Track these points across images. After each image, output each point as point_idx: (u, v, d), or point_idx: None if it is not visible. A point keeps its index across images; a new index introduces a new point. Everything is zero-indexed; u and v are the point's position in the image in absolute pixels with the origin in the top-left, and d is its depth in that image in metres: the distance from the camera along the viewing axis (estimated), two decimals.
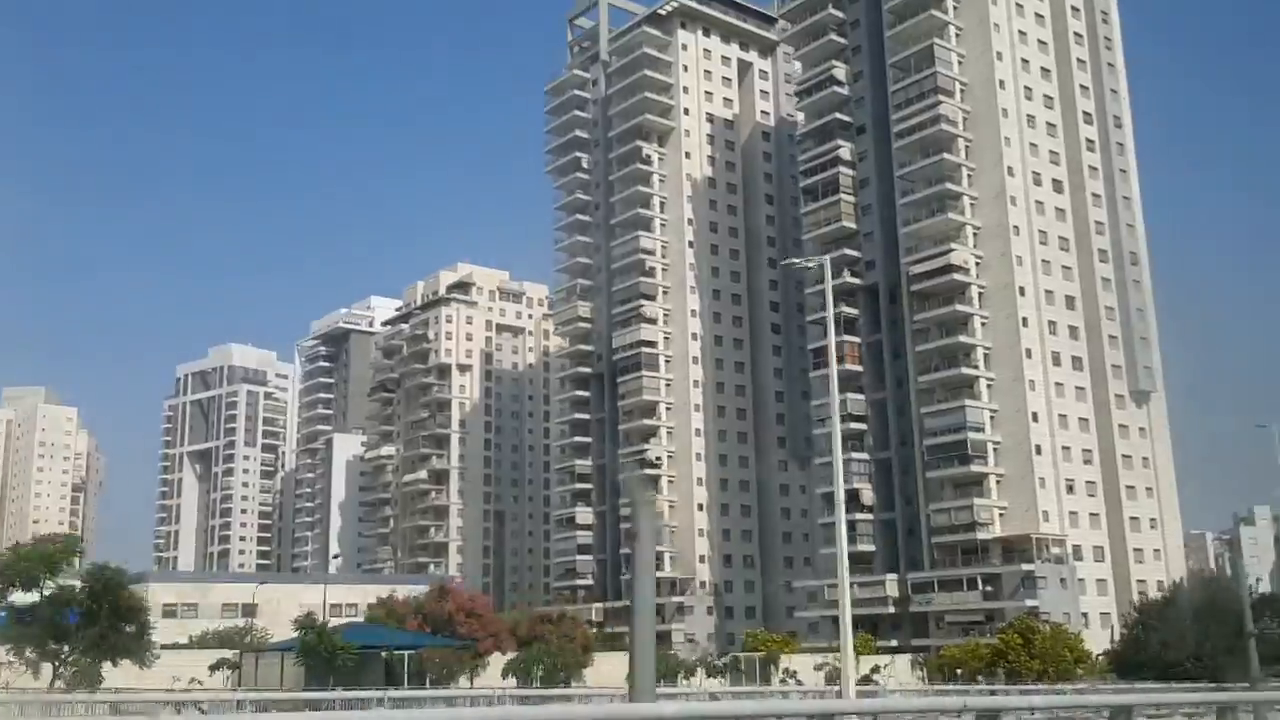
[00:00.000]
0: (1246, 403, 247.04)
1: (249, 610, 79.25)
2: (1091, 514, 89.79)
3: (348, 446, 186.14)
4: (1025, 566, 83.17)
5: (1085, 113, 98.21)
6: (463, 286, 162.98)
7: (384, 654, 43.89)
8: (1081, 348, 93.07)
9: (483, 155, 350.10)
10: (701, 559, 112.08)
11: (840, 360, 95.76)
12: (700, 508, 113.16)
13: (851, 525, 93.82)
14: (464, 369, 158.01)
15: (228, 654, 50.31)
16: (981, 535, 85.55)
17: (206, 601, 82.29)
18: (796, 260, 68.21)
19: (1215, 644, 54.50)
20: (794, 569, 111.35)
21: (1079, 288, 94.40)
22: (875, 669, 71.74)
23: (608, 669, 54.47)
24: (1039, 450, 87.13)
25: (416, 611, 50.99)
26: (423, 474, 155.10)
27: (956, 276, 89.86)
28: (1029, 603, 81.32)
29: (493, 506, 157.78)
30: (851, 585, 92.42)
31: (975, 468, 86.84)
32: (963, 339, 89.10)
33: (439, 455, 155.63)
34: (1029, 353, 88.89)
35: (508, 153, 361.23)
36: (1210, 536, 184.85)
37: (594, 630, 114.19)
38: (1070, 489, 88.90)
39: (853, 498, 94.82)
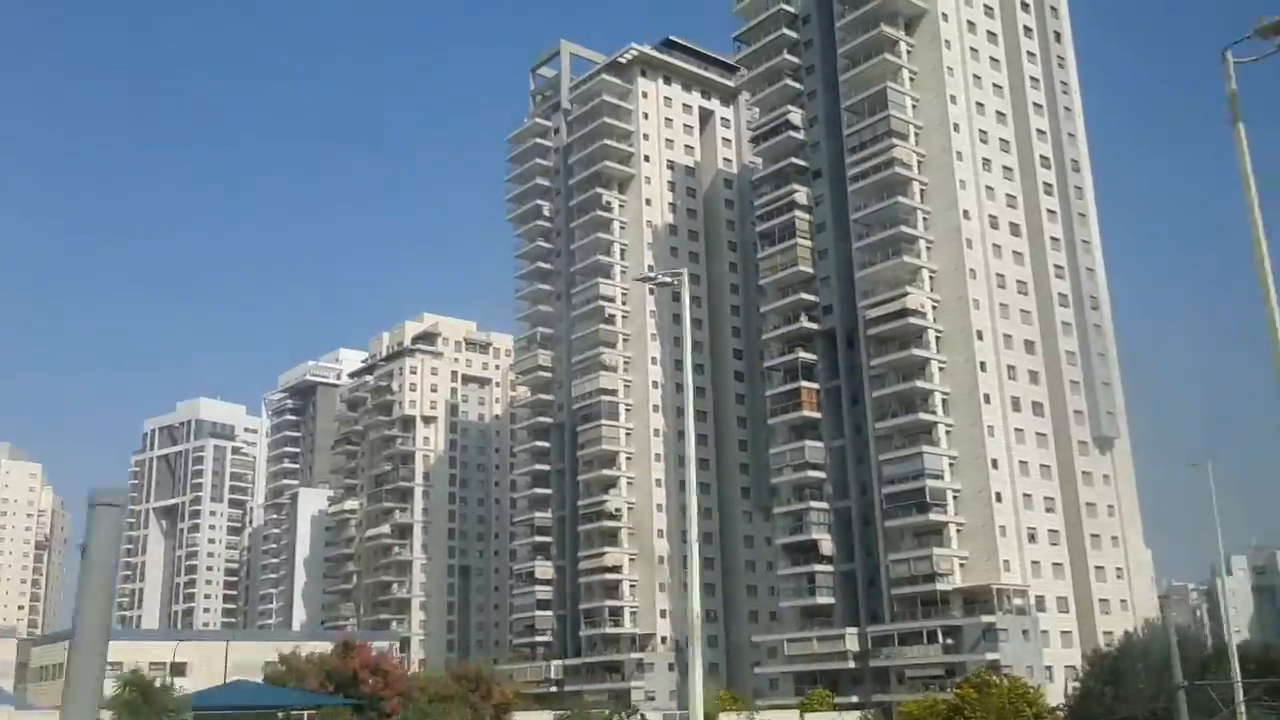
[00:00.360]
0: (1214, 447, 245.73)
1: (178, 669, 75.79)
2: (1054, 563, 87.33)
3: (313, 501, 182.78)
4: (986, 618, 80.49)
5: (1043, 156, 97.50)
6: (428, 337, 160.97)
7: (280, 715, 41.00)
8: (1042, 393, 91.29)
9: (459, 206, 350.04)
10: (663, 614, 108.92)
11: (798, 407, 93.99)
12: (661, 561, 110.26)
13: (810, 577, 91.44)
14: (428, 420, 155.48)
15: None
16: (941, 586, 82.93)
17: (131, 660, 78.60)
18: (652, 277, 66.40)
19: (1170, 696, 52.07)
20: (759, 623, 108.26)
21: (1038, 332, 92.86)
22: None
23: None
24: (999, 498, 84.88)
25: (321, 669, 48.07)
26: (385, 528, 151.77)
27: (912, 320, 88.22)
28: (990, 656, 78.59)
29: (458, 561, 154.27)
30: (811, 639, 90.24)
31: (934, 516, 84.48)
32: (920, 384, 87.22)
33: (402, 509, 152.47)
34: (987, 398, 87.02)
35: (481, 204, 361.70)
36: (1190, 588, 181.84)
37: (553, 688, 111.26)
38: (1032, 538, 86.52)
39: (811, 548, 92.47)
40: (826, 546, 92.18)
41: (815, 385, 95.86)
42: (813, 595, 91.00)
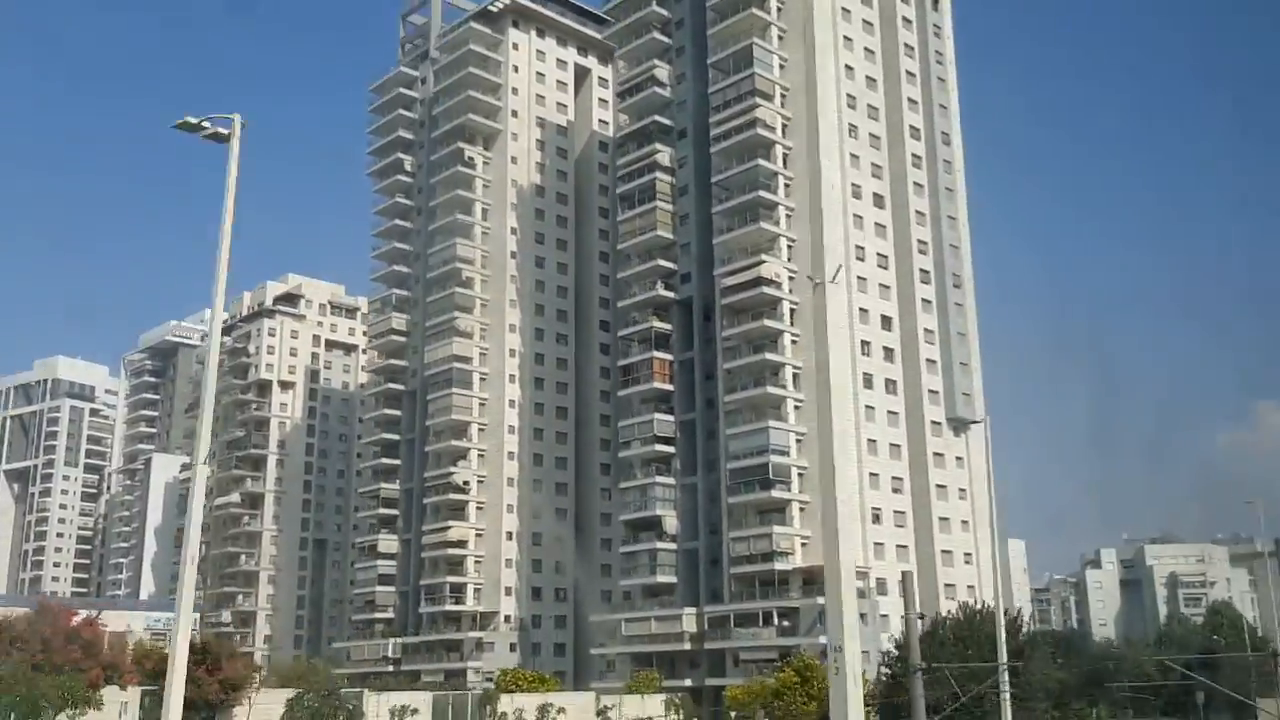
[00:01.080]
0: (1082, 436, 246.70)
1: None
2: (899, 545, 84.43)
3: (167, 468, 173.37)
4: (822, 600, 76.80)
5: (913, 127, 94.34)
6: (290, 299, 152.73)
7: None
8: (896, 370, 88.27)
9: (336, 160, 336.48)
10: (508, 591, 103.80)
11: (650, 378, 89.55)
12: (510, 536, 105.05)
13: (653, 554, 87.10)
14: (286, 386, 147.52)
15: None
16: (780, 566, 79.30)
17: None
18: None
19: (979, 683, 48.81)
20: (612, 603, 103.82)
21: (896, 308, 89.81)
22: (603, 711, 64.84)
23: (266, 707, 46.22)
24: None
25: (6, 635, 41.94)
26: (235, 497, 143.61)
27: (766, 290, 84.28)
28: (824, 639, 74.99)
29: (313, 534, 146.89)
30: (649, 619, 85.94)
31: (777, 493, 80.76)
32: (770, 357, 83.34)
33: (254, 478, 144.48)
34: None
35: (359, 160, 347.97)
36: (1055, 579, 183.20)
37: (390, 666, 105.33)
38: (877, 518, 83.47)
39: (655, 525, 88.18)
40: (671, 523, 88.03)
41: (669, 356, 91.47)
42: (653, 573, 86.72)
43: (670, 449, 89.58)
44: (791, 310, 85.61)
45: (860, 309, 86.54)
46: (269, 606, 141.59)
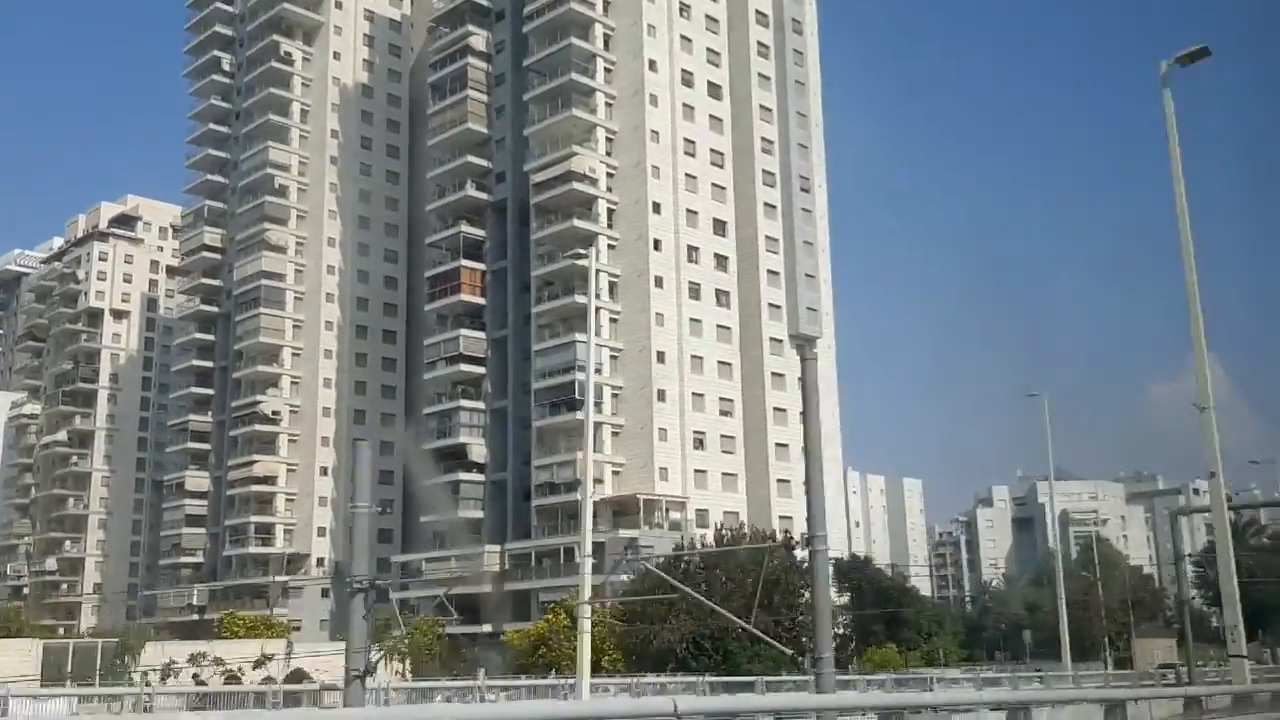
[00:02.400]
0: (949, 363, 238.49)
1: None
2: (726, 474, 75.76)
3: (3, 405, 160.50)
4: (628, 533, 68.29)
5: (759, 11, 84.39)
6: (127, 221, 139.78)
7: None
8: (730, 281, 79.15)
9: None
10: (321, 532, 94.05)
11: (456, 290, 79.53)
12: (324, 472, 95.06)
13: (456, 487, 77.59)
14: (120, 315, 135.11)
15: None
16: (578, 497, 70.10)
17: None
18: None
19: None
20: (445, 544, 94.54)
21: (733, 212, 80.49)
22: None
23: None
24: (662, 396, 72.54)
25: None
26: (62, 435, 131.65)
27: (578, 186, 74.46)
28: (628, 578, 66.40)
29: (149, 475, 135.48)
30: (449, 559, 76.76)
31: (581, 415, 71.36)
32: (583, 263, 73.52)
33: (84, 414, 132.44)
34: (659, 281, 74.24)
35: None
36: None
37: (195, 615, 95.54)
38: (700, 444, 74.66)
39: (460, 454, 78.67)
40: (478, 452, 78.61)
41: (482, 266, 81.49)
42: (457, 508, 77.38)
43: (480, 370, 79.94)
44: (610, 210, 75.98)
45: (689, 210, 77.09)
46: (99, 553, 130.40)
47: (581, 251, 72.32)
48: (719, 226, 79.08)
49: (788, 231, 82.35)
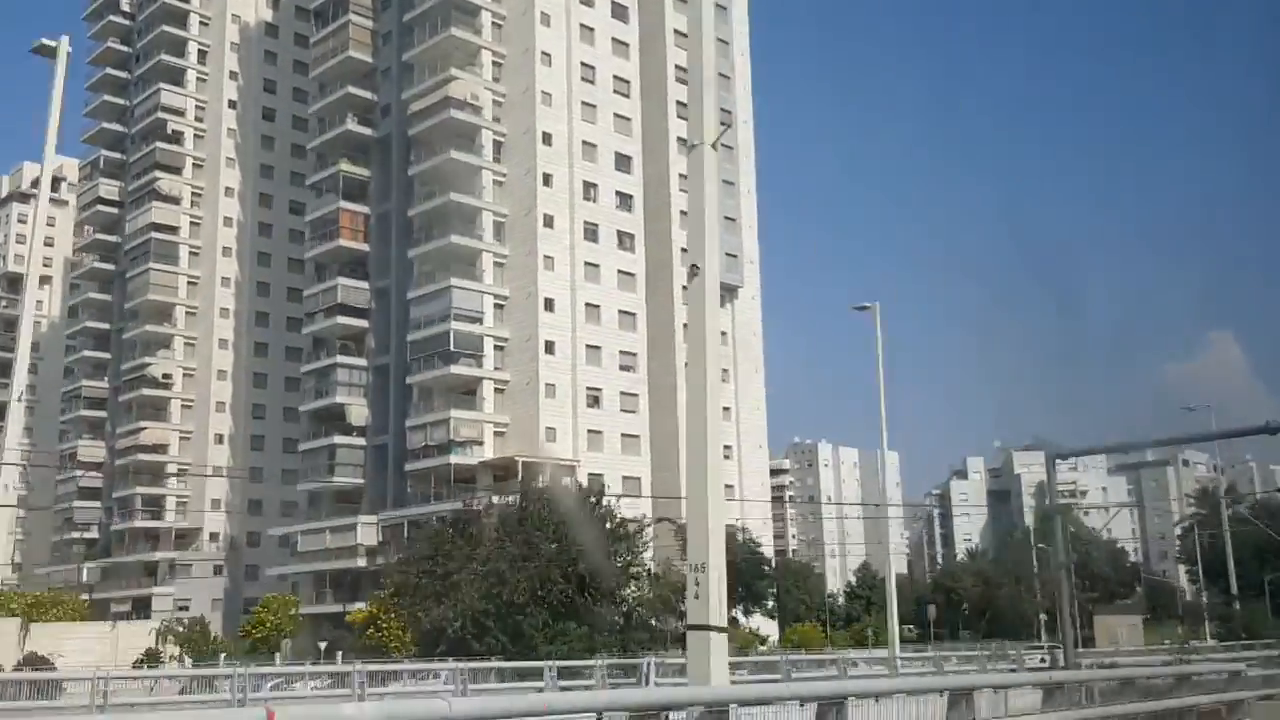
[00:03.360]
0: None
1: None
2: (627, 435, 68.10)
3: None
4: (512, 499, 60.73)
5: None
6: (53, 182, 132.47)
7: None
8: (636, 222, 71.32)
9: None
10: (215, 505, 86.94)
11: (335, 235, 72.07)
12: (220, 440, 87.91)
13: (332, 451, 70.28)
14: (44, 280, 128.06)
15: None
16: (460, 459, 62.79)
17: None
18: None
19: None
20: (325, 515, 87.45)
21: (640, 146, 72.56)
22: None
23: None
24: (550, 349, 64.88)
25: None
26: None
27: (457, 115, 66.69)
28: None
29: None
30: (324, 530, 69.59)
31: (461, 369, 64.05)
32: (459, 198, 66.07)
33: (2, 384, 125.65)
34: (550, 221, 66.43)
35: None
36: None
37: (85, 594, 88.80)
38: (595, 402, 67.02)
39: (338, 415, 71.31)
40: (359, 413, 71.20)
41: (365, 209, 73.89)
42: (332, 474, 70.10)
43: (363, 323, 72.47)
44: (497, 143, 68.25)
45: (585, 142, 69.23)
46: (20, 531, 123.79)
47: (461, 200, 65.06)
48: (622, 162, 71.20)
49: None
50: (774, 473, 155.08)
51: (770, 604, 48.39)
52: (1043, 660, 40.65)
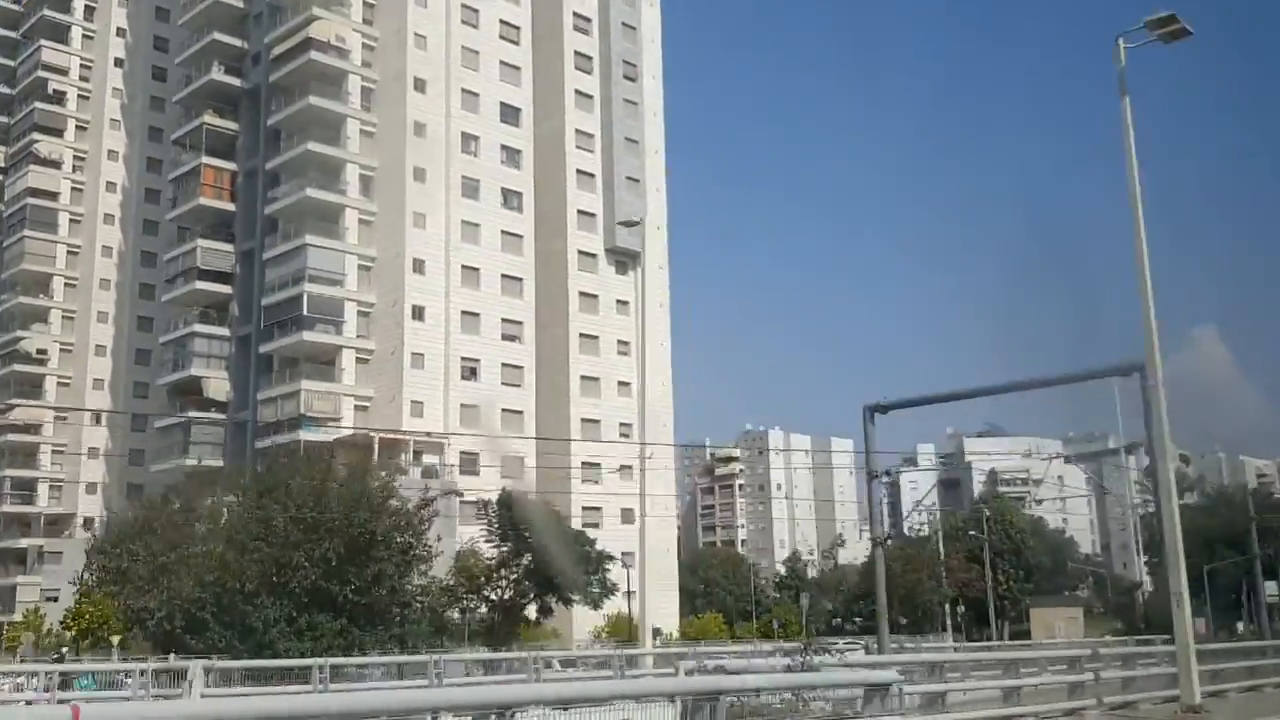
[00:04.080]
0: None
1: None
2: (510, 411, 62.17)
3: None
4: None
5: None
6: None
7: None
8: (524, 180, 65.43)
9: None
10: (90, 489, 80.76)
11: (196, 193, 65.99)
12: (98, 420, 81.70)
13: (186, 429, 64.28)
14: None
15: None
16: (310, 435, 56.83)
17: None
18: None
19: None
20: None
21: (531, 97, 66.69)
22: None
23: None
24: (419, 315, 59.02)
25: None
26: None
27: (319, 57, 60.77)
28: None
29: None
30: None
31: (317, 337, 58.18)
32: (319, 149, 60.21)
33: None
34: (420, 174, 60.51)
35: None
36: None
37: None
38: (472, 373, 61.15)
39: (194, 390, 65.32)
40: (219, 387, 65.21)
41: (232, 166, 67.87)
42: (185, 454, 64.08)
43: (226, 289, 66.45)
44: (366, 90, 62.32)
45: (465, 91, 63.30)
46: None
47: (321, 150, 59.26)
48: (510, 114, 65.28)
49: (606, 126, 68.72)
50: (724, 460, 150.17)
51: (598, 591, 42.72)
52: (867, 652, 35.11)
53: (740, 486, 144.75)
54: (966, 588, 65.85)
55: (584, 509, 63.98)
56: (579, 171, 67.48)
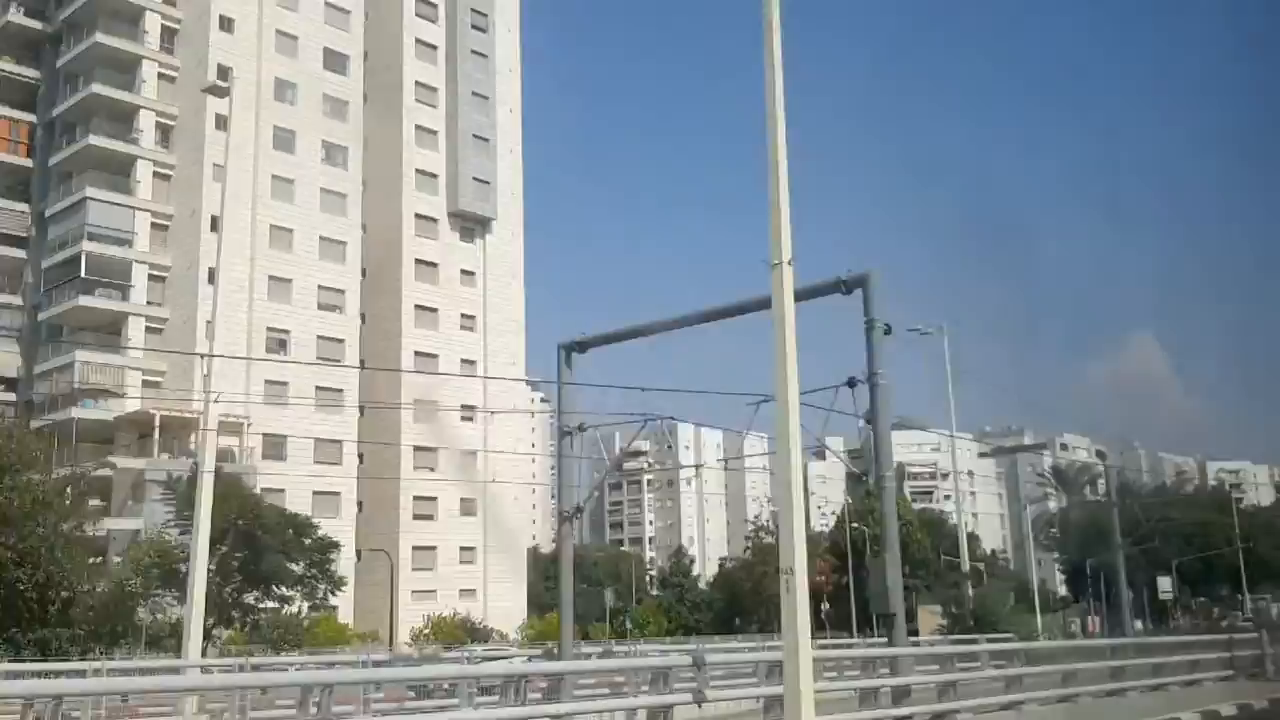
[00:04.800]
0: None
1: None
2: (326, 389, 55.85)
3: None
4: (129, 465, 48.60)
5: None
6: None
7: None
8: (352, 134, 59.22)
9: None
10: None
11: None
12: None
13: None
14: None
15: None
16: (87, 414, 50.27)
17: None
18: None
19: None
20: None
21: (361, 43, 60.55)
22: None
23: None
24: (213, 278, 52.55)
25: None
26: None
27: None
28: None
29: None
30: None
31: (96, 302, 51.57)
32: (100, 90, 53.55)
33: None
34: (220, 122, 53.96)
35: None
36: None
37: None
38: (281, 345, 54.88)
39: None
40: (7, 362, 58.17)
41: (30, 117, 60.82)
42: None
43: (20, 253, 59.42)
44: (168, 30, 55.78)
45: (281, 33, 56.96)
46: None
47: (108, 93, 52.76)
48: (336, 61, 58.95)
49: (452, 79, 62.80)
50: (632, 454, 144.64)
51: (323, 587, 36.97)
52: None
53: (649, 482, 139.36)
54: (834, 585, 60.90)
55: (415, 499, 58.26)
56: (419, 128, 61.55)
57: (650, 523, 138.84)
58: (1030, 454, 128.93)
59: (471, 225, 62.85)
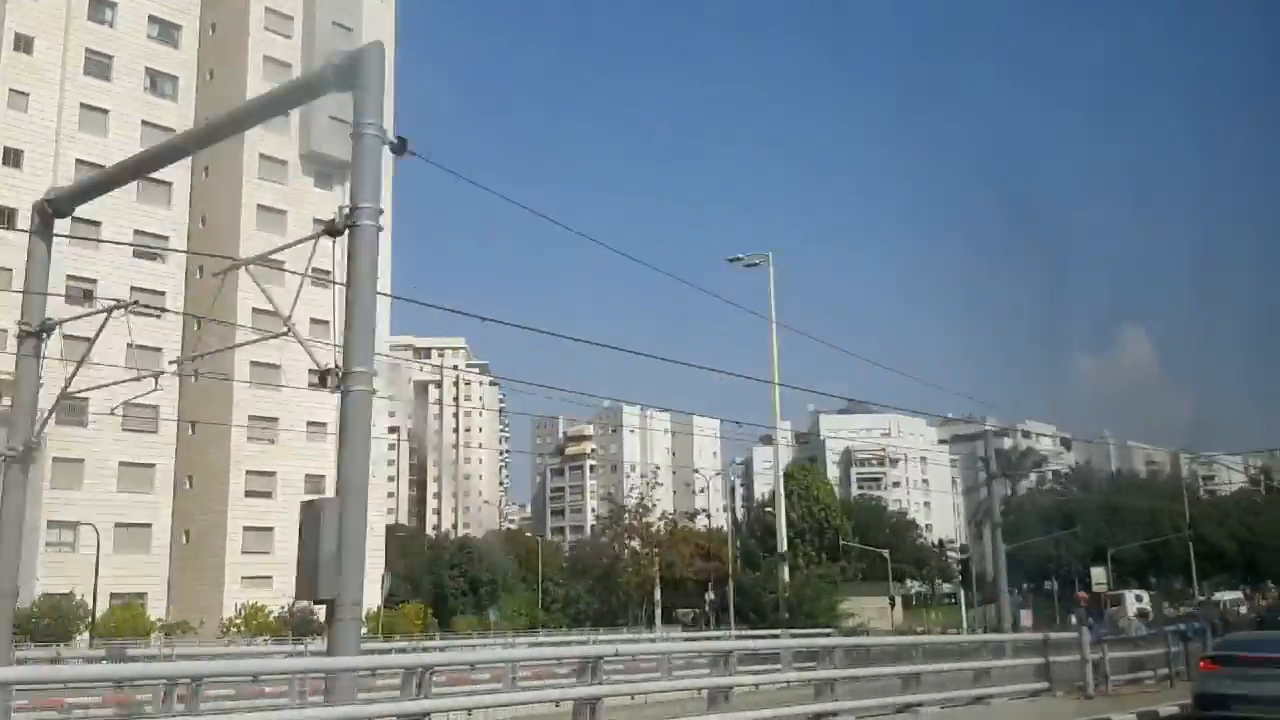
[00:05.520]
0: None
1: None
2: (145, 349, 49.20)
3: None
4: None
5: None
6: None
7: None
8: (183, 61, 52.78)
9: None
10: None
11: None
12: None
13: None
14: None
15: None
16: None
17: None
18: None
19: None
20: None
21: None
22: None
23: None
24: (8, 219, 46.24)
25: None
26: None
27: None
28: None
29: None
30: None
31: None
32: None
33: None
34: (27, 44, 47.72)
35: None
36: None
37: None
38: (86, 297, 48.48)
39: None
40: None
41: None
42: None
43: None
44: None
45: None
46: None
47: None
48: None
49: (309, 6, 56.37)
50: (576, 439, 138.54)
51: None
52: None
53: (592, 468, 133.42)
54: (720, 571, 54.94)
55: (249, 473, 51.96)
56: (268, 59, 54.98)
57: (593, 510, 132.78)
58: (992, 441, 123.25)
59: (329, 171, 56.40)
